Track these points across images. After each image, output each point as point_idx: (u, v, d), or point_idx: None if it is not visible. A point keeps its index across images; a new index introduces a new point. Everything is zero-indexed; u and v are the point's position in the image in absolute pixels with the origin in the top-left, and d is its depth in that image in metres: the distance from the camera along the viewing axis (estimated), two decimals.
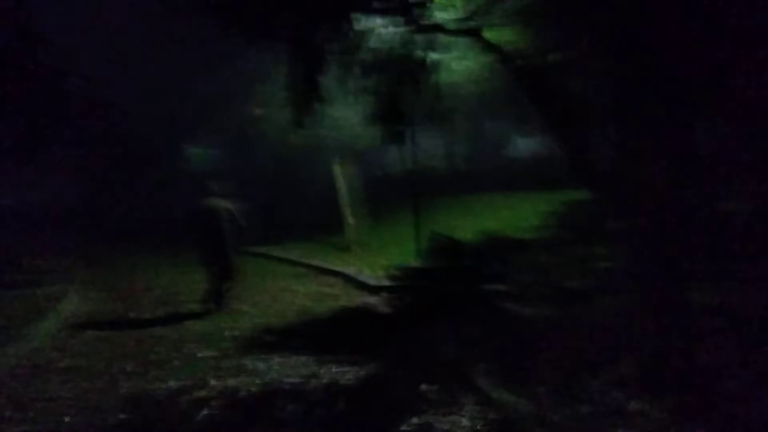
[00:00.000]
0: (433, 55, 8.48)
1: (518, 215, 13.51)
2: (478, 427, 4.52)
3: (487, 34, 7.95)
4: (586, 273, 8.67)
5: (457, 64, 10.05)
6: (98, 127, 12.82)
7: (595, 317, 6.52)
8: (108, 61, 17.15)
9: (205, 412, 4.93)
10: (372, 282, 9.65)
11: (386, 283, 9.23)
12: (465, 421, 4.57)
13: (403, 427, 4.52)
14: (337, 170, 13.76)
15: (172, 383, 5.62)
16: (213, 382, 5.59)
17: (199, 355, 6.54)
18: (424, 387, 5.30)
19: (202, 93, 17.37)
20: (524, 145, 29.53)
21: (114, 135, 15.57)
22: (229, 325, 7.85)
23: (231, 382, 5.58)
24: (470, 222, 13.48)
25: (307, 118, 8.16)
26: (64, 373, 6.07)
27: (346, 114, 12.93)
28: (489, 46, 7.45)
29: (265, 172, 19.46)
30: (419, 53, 8.03)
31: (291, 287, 10.19)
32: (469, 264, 8.87)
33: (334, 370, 5.80)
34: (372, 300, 8.88)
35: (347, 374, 5.69)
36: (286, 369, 5.88)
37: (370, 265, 11.35)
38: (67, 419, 4.86)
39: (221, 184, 9.25)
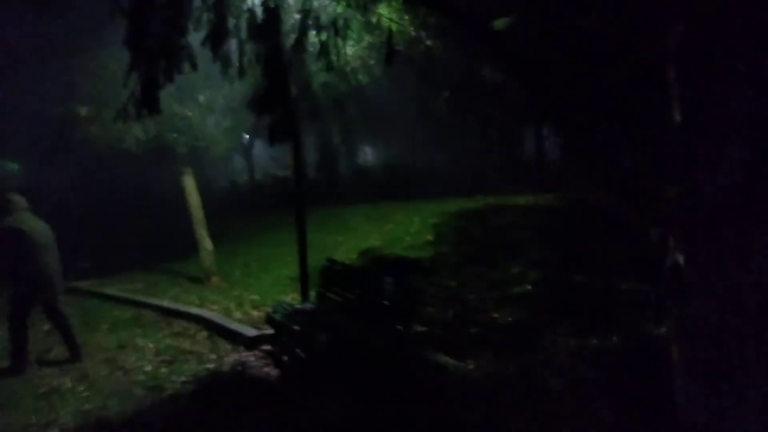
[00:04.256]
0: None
1: (402, 229, 11.89)
2: None
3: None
4: (511, 300, 7.18)
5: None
6: None
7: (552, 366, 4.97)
8: None
9: None
10: (246, 331, 7.38)
11: (266, 330, 7.07)
12: None
13: None
14: (189, 182, 11.13)
15: None
16: None
17: None
18: None
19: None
20: (376, 154, 28.60)
21: None
22: (43, 418, 5.31)
23: None
24: (352, 239, 11.64)
25: (149, 117, 5.86)
26: None
27: (200, 110, 10.48)
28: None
29: (91, 184, 16.24)
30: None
31: (134, 341, 7.62)
32: (370, 298, 6.98)
33: None
34: (250, 358, 6.67)
35: None
36: None
37: (237, 302, 9.02)
38: None
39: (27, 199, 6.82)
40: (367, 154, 29.14)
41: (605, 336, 5.53)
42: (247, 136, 23.58)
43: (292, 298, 8.36)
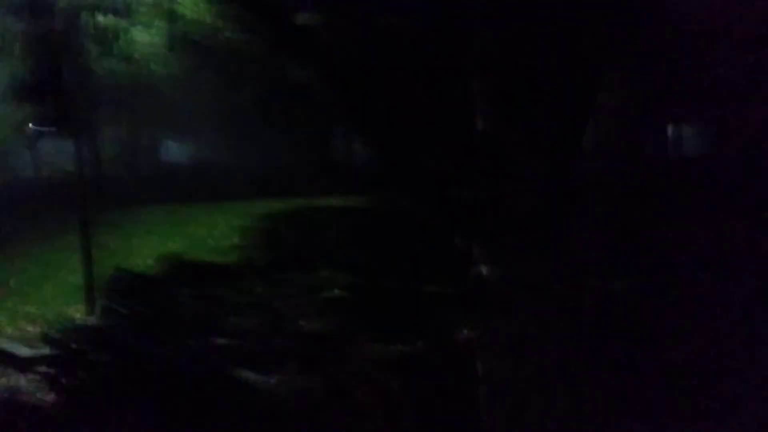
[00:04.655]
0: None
1: (206, 231, 11.20)
2: None
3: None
4: (321, 306, 7.00)
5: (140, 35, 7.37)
6: None
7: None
8: None
9: None
10: (18, 350, 6.34)
11: (44, 351, 6.15)
12: None
13: None
14: None
15: None
16: None
17: None
18: None
19: None
20: (179, 150, 26.95)
21: None
22: None
23: None
24: (151, 242, 10.71)
25: None
26: None
27: None
28: None
29: None
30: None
31: None
32: (165, 310, 6.41)
33: None
34: (21, 382, 5.73)
35: None
36: None
37: (10, 317, 7.78)
38: None
39: None
40: (172, 151, 27.42)
41: (413, 342, 5.52)
42: (33, 127, 20.92)
43: (77, 311, 7.39)
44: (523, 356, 2.45)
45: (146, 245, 10.69)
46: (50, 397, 5.36)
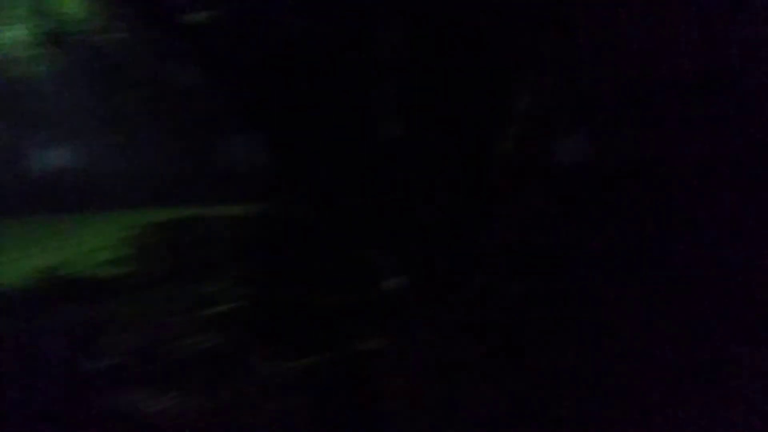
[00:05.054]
0: None
1: (84, 244, 10.43)
2: None
3: None
4: (211, 322, 6.62)
5: None
6: None
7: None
8: None
9: None
10: None
11: None
12: None
13: None
14: None
15: None
16: None
17: None
18: None
19: None
20: (61, 156, 25.12)
21: None
22: None
23: None
24: (25, 256, 9.81)
25: None
26: None
27: None
28: None
29: None
30: None
31: None
32: (39, 331, 5.85)
33: None
34: None
35: None
36: None
37: None
38: None
39: None
40: (54, 156, 25.50)
41: (313, 356, 5.29)
42: None
43: None
44: (440, 373, 2.33)
45: (20, 259, 9.79)
46: None
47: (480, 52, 2.11)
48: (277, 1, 4.13)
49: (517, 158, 2.15)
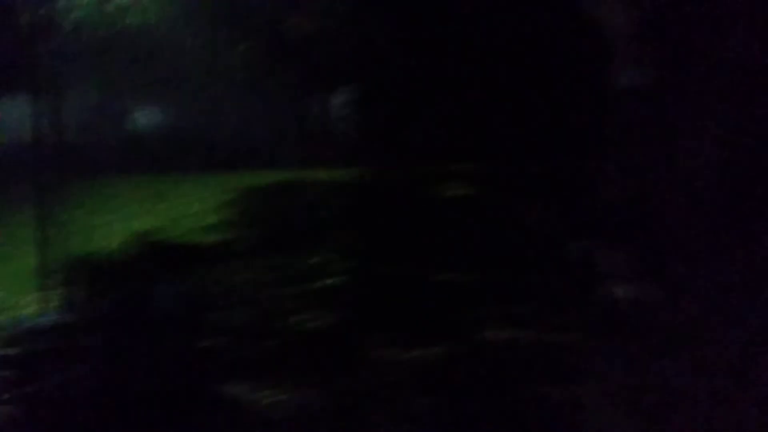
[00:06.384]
0: None
1: (181, 208, 10.23)
2: None
3: None
4: (315, 298, 6.10)
5: None
6: None
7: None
8: None
9: None
10: None
11: None
12: None
13: None
14: None
15: None
16: None
17: None
18: None
19: None
20: (153, 116, 25.52)
21: None
22: None
23: None
24: (119, 220, 9.71)
25: None
26: None
27: None
28: None
29: None
30: None
31: None
32: (138, 305, 5.44)
33: None
34: None
35: None
36: None
37: None
38: None
39: None
40: (145, 117, 26.08)
41: (433, 344, 4.63)
42: None
43: (28, 303, 6.36)
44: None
45: (114, 223, 9.68)
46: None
47: None
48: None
49: None
